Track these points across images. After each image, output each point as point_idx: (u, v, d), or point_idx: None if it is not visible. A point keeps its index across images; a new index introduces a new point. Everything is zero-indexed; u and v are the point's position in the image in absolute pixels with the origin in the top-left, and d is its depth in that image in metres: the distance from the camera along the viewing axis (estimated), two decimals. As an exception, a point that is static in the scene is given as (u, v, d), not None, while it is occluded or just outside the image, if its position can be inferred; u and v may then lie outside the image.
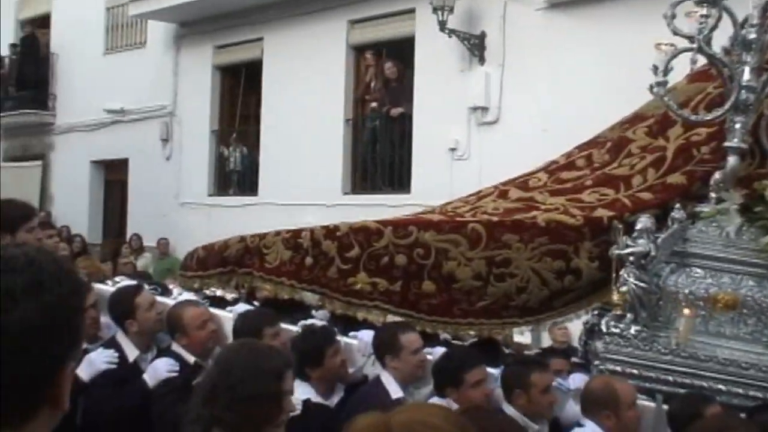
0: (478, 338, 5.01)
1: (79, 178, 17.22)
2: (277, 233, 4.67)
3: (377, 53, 13.48)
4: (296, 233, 4.63)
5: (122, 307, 4.44)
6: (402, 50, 13.12)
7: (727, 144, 4.22)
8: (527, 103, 11.27)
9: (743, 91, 4.13)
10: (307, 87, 13.50)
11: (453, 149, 12.20)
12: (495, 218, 4.49)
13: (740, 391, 4.04)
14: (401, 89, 13.22)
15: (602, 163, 4.77)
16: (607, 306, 4.63)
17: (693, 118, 4.25)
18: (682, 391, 4.05)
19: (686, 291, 4.24)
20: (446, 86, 12.18)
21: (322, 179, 13.32)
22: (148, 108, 15.75)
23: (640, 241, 4.21)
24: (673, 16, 4.23)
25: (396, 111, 12.91)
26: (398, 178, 13.09)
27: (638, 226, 4.23)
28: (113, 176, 17.11)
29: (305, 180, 13.35)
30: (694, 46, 4.09)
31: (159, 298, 4.59)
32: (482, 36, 12.19)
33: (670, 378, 4.13)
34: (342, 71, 13.60)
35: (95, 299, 4.52)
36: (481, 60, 12.14)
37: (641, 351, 4.15)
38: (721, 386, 4.06)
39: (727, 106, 4.07)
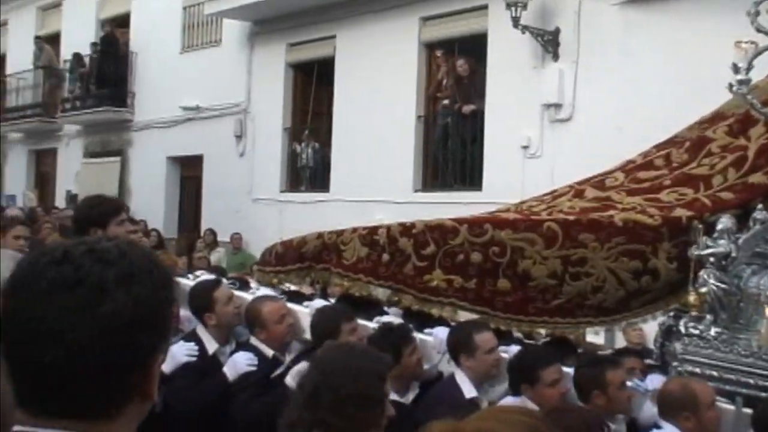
0: (551, 337, 5.00)
1: (155, 173, 17.62)
2: (354, 230, 4.73)
3: (449, 50, 13.47)
4: (373, 230, 4.69)
5: (201, 300, 4.55)
6: (474, 47, 13.08)
7: (813, 142, 4.13)
8: (601, 100, 11.10)
9: (829, 90, 4.04)
10: (379, 84, 13.55)
11: (525, 147, 12.09)
12: (571, 217, 4.48)
13: (823, 395, 3.95)
14: (473, 86, 13.20)
15: (681, 162, 4.72)
16: (684, 308, 4.58)
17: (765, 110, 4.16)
18: (763, 394, 3.99)
19: (768, 293, 4.17)
20: (519, 83, 12.09)
21: (394, 176, 13.35)
22: (222, 105, 16.00)
23: (721, 241, 4.16)
24: (757, 14, 4.17)
25: (468, 108, 12.87)
26: (470, 176, 13.03)
27: (719, 227, 4.18)
28: (188, 172, 17.45)
29: (376, 177, 13.39)
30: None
31: (237, 293, 4.69)
32: (556, 32, 12.07)
33: (751, 381, 4.06)
34: (414, 68, 13.60)
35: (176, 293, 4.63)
36: (555, 56, 12.01)
37: (721, 353, 4.10)
38: (803, 390, 3.98)
39: (813, 104, 3.99)
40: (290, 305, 4.61)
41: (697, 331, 4.14)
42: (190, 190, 17.40)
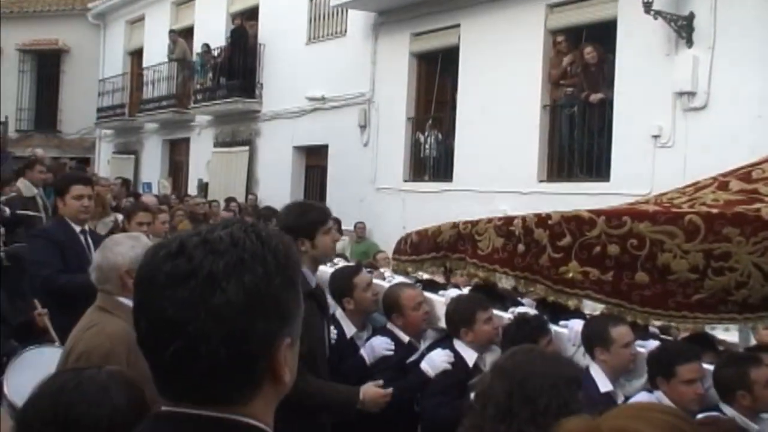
0: (691, 333, 4.89)
1: (282, 163, 18.03)
2: (489, 221, 4.72)
3: (575, 37, 13.27)
4: (508, 221, 4.67)
5: (342, 285, 4.71)
6: (602, 34, 12.85)
7: None
8: (739, 87, 10.73)
9: None
10: (504, 73, 13.49)
11: (656, 136, 11.83)
12: (714, 210, 4.34)
13: None
14: (601, 74, 12.97)
15: (837, 153, 4.50)
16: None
17: None
18: None
19: None
20: (650, 70, 11.81)
21: (518, 166, 13.28)
22: (347, 95, 16.26)
23: None
24: None
25: (595, 97, 12.68)
26: (596, 166, 12.84)
27: None
28: (314, 161, 17.80)
29: (500, 167, 13.36)
30: None
31: (375, 280, 4.80)
32: (690, 17, 11.73)
33: None
34: (540, 56, 13.47)
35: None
36: (689, 42, 11.66)
37: None
38: None
39: None
40: (426, 294, 4.68)
41: None
42: (315, 179, 17.76)
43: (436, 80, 15.52)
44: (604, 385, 4.12)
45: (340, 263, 5.31)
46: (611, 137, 12.40)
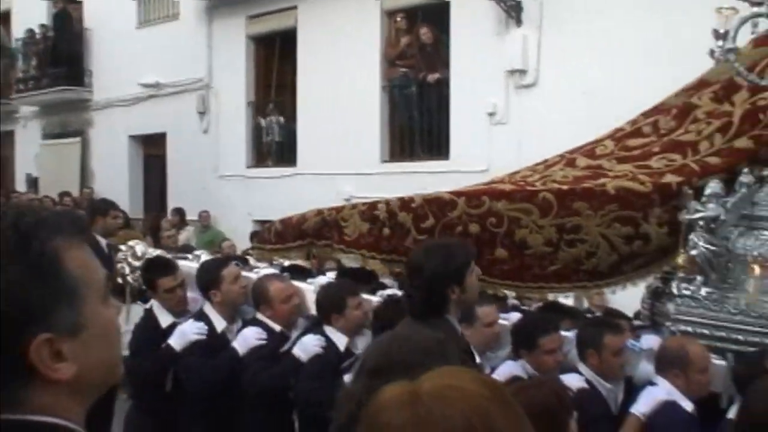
0: (543, 302, 5.18)
1: (118, 153, 17.44)
2: (353, 206, 4.84)
3: (411, 18, 13.46)
4: (372, 206, 4.79)
5: (209, 278, 4.67)
6: (437, 14, 13.07)
7: (797, 108, 4.31)
8: (566, 65, 11.21)
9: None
10: (343, 54, 13.48)
11: (491, 114, 12.18)
12: (565, 187, 4.62)
13: (809, 348, 4.16)
14: (437, 54, 13.23)
15: (669, 129, 4.87)
16: (672, 271, 4.77)
17: (765, 83, 4.32)
18: (751, 349, 4.19)
19: (755, 253, 4.36)
20: (483, 50, 12.13)
21: (360, 148, 13.36)
22: (183, 81, 15.84)
23: (710, 205, 4.33)
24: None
25: (432, 77, 12.93)
26: (436, 145, 13.12)
27: (707, 191, 4.35)
28: (152, 150, 17.31)
29: (343, 149, 13.38)
30: (763, 10, 4.18)
31: (243, 273, 4.80)
32: (519, -2, 12.13)
33: (741, 337, 4.25)
34: (377, 38, 13.54)
35: (182, 278, 4.75)
36: (519, 22, 12.06)
37: (712, 312, 4.28)
38: (790, 344, 4.19)
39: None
40: (295, 283, 4.73)
41: (688, 292, 4.32)
42: (155, 168, 17.27)
43: (275, 64, 15.33)
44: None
45: (203, 256, 5.26)
46: (449, 116, 12.70)
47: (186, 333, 4.47)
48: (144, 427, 4.77)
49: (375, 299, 4.56)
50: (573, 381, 4.06)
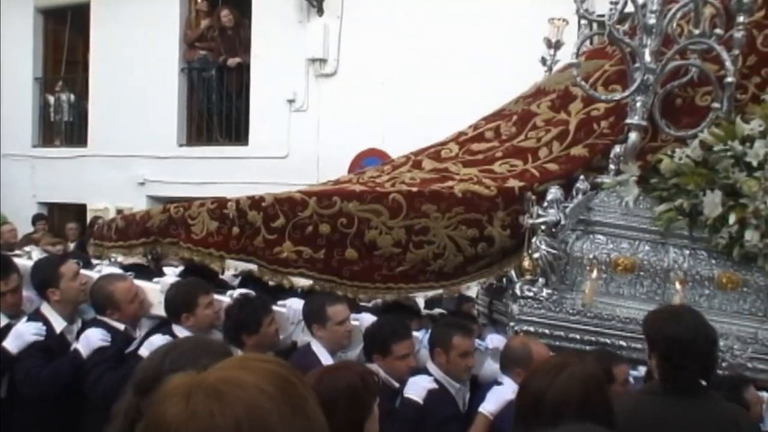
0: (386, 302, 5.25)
1: None
2: (202, 204, 4.70)
3: (214, 1, 13.22)
4: (221, 204, 4.68)
5: (46, 275, 4.41)
6: (240, -2, 12.91)
7: (629, 121, 4.59)
8: (365, 55, 11.51)
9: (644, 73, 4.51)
10: (140, 34, 13.01)
11: (291, 101, 12.28)
12: (414, 189, 4.70)
13: (639, 346, 4.47)
14: (238, 39, 13.05)
15: (510, 135, 5.06)
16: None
17: (604, 97, 4.58)
18: (588, 347, 4.45)
19: (590, 256, 4.63)
20: (285, 37, 12.18)
21: (157, 131, 12.98)
22: (-40, 52, 14.72)
23: (551, 210, 4.54)
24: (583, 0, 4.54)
25: (233, 61, 12.77)
26: (236, 130, 13.02)
27: (549, 197, 4.56)
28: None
29: (138, 131, 12.96)
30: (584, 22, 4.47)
31: (83, 271, 4.55)
32: (321, -14, 12.23)
33: (578, 336, 4.52)
34: (177, 18, 13.21)
35: (19, 280, 4.46)
36: (320, 11, 12.21)
37: (552, 312, 4.50)
38: (622, 342, 4.48)
39: (633, 87, 4.43)
40: (139, 282, 4.54)
41: (531, 294, 4.52)
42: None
43: (66, 39, 14.56)
44: (326, 359, 4.31)
45: (34, 253, 4.93)
46: (249, 101, 12.62)
47: (23, 334, 4.18)
48: (-28, 437, 4.44)
49: (226, 300, 4.46)
50: (423, 382, 4.15)
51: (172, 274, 5.07)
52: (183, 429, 1.19)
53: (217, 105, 12.90)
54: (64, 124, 14.29)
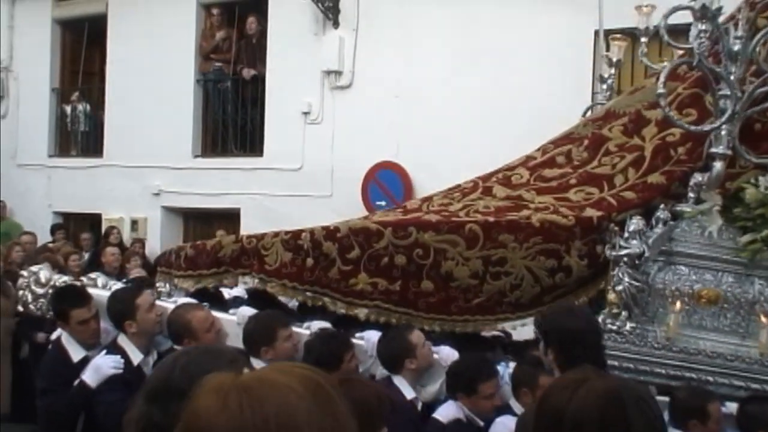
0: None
1: None
2: (276, 234, 4.55)
3: (229, 12, 13.14)
4: (296, 234, 4.53)
5: (123, 307, 4.30)
6: (255, 10, 12.87)
7: (713, 150, 4.48)
8: (380, 68, 11.51)
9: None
10: (156, 45, 13.03)
11: (306, 113, 12.25)
12: (491, 219, 4.57)
13: (726, 381, 4.37)
14: (253, 50, 12.99)
15: (582, 160, 4.94)
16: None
17: (693, 128, 4.46)
18: (674, 383, 4.33)
19: (673, 287, 4.51)
20: (300, 49, 12.16)
21: (172, 141, 13.01)
22: (-21, 62, 14.58)
23: (633, 242, 4.43)
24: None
25: (248, 72, 12.70)
26: (250, 142, 12.98)
27: (631, 228, 4.44)
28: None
29: (154, 142, 12.98)
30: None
31: (158, 302, 4.42)
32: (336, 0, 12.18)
33: (663, 371, 4.40)
34: (192, 29, 13.24)
35: (96, 309, 4.32)
36: (336, 24, 12.17)
37: (636, 346, 4.39)
38: (709, 378, 4.37)
39: (725, 117, 4.32)
40: (215, 313, 4.40)
41: (615, 327, 4.40)
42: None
43: (83, 50, 14.54)
44: (408, 393, 4.21)
45: (100, 280, 4.77)
46: (264, 113, 12.58)
47: (101, 367, 4.08)
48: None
49: (305, 332, 4.32)
50: (510, 423, 4.02)
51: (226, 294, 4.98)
52: (215, 421, 1.27)
53: (232, 116, 12.87)
54: (80, 135, 14.30)
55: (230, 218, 12.37)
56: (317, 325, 4.39)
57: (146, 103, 12.91)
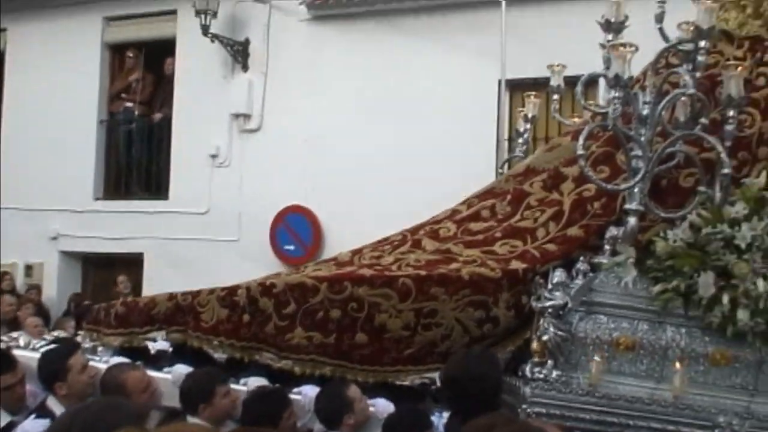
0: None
1: None
2: (211, 291, 4.59)
3: (138, 53, 13.08)
4: (231, 291, 4.58)
5: (53, 369, 4.21)
6: (163, 52, 12.85)
7: (628, 206, 4.76)
8: (289, 112, 11.64)
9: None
10: (57, 85, 12.86)
11: (214, 156, 12.28)
12: (423, 272, 4.72)
13: (644, 425, 4.61)
14: (161, 92, 12.96)
15: (506, 214, 5.15)
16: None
17: (610, 187, 4.74)
18: (596, 428, 4.55)
19: (593, 336, 4.76)
20: (208, 92, 12.21)
21: (71, 183, 12.78)
22: None
23: (557, 293, 4.64)
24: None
25: (156, 115, 12.65)
26: (156, 184, 12.87)
27: (555, 280, 4.65)
28: None
29: (52, 184, 12.71)
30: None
31: (91, 363, 4.36)
32: (246, 43, 12.34)
33: (587, 416, 4.61)
34: (97, 70, 13.12)
35: (22, 373, 4.22)
36: (245, 67, 12.29)
37: (562, 393, 4.59)
38: (629, 422, 4.61)
39: (638, 177, 4.61)
40: (148, 372, 4.38)
41: (541, 375, 4.60)
42: None
43: (-22, 86, 14.08)
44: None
45: (22, 339, 4.67)
46: (170, 155, 12.52)
47: None
48: None
49: (242, 389, 4.35)
50: None
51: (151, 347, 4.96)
52: None
53: (137, 158, 12.67)
54: (-28, 176, 13.67)
55: (133, 263, 12.17)
56: (254, 381, 4.43)
57: (45, 143, 12.69)
